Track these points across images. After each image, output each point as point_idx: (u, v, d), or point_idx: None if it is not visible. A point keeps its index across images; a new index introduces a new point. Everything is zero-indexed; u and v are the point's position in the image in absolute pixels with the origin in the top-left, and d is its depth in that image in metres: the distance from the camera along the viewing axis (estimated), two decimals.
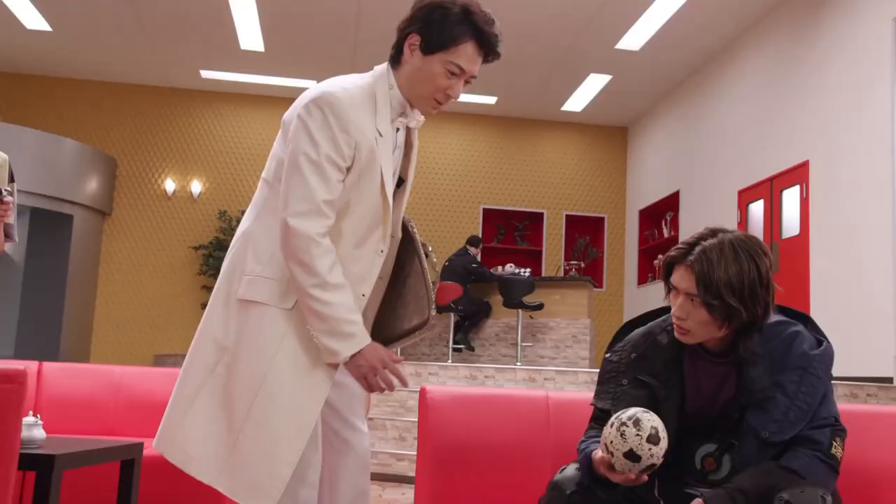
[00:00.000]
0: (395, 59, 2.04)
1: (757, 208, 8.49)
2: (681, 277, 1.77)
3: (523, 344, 8.97)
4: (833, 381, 6.22)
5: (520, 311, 8.68)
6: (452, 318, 9.70)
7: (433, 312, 2.05)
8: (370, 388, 1.98)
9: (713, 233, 1.78)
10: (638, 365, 1.85)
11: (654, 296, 10.67)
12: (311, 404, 1.94)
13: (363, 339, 1.94)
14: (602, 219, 12.11)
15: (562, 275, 10.71)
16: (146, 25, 9.33)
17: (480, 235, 11.65)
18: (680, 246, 1.79)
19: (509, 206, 11.96)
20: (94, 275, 10.65)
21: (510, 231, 12.09)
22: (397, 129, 2.07)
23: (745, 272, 1.72)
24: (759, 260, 1.74)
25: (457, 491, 2.26)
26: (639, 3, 8.27)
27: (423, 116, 2.12)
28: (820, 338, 1.80)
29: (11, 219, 2.25)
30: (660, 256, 10.86)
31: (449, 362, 8.81)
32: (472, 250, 10.12)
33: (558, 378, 6.76)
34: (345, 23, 8.90)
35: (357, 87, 2.00)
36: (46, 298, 9.88)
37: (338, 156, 1.92)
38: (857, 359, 6.68)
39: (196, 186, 11.20)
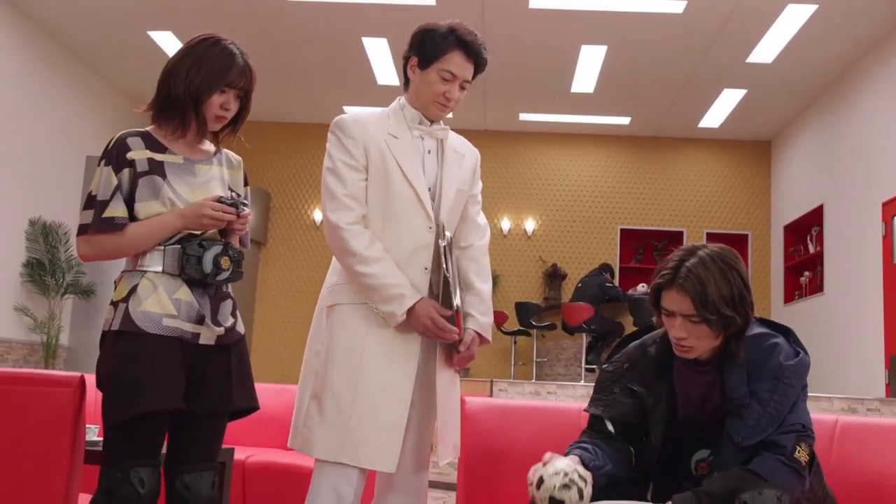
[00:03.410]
0: (406, 84, 2.50)
1: None
2: (673, 300, 1.88)
3: None
4: None
5: None
6: (585, 338, 9.75)
7: (454, 307, 2.31)
8: (436, 339, 2.30)
9: (690, 252, 1.90)
10: (630, 375, 1.99)
11: (801, 314, 10.24)
12: (405, 376, 2.29)
13: (412, 296, 2.27)
14: (745, 236, 11.74)
15: None
16: (292, 72, 10.08)
17: (618, 256, 11.63)
18: (664, 271, 1.91)
19: (647, 225, 11.85)
20: (251, 300, 11.48)
21: (649, 251, 11.95)
22: (422, 138, 2.45)
23: (733, 283, 1.85)
24: (740, 267, 1.89)
25: (495, 497, 2.45)
26: (765, 15, 8.09)
27: (446, 127, 2.49)
28: (798, 349, 1.89)
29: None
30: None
31: (581, 382, 8.86)
32: (605, 275, 10.17)
33: None
34: None
35: (368, 111, 2.49)
36: None
37: (349, 157, 2.35)
38: None
39: None
